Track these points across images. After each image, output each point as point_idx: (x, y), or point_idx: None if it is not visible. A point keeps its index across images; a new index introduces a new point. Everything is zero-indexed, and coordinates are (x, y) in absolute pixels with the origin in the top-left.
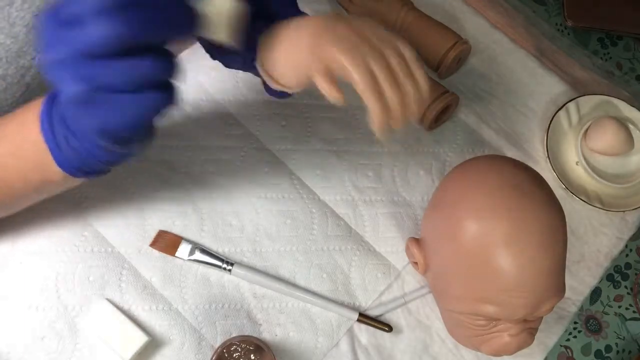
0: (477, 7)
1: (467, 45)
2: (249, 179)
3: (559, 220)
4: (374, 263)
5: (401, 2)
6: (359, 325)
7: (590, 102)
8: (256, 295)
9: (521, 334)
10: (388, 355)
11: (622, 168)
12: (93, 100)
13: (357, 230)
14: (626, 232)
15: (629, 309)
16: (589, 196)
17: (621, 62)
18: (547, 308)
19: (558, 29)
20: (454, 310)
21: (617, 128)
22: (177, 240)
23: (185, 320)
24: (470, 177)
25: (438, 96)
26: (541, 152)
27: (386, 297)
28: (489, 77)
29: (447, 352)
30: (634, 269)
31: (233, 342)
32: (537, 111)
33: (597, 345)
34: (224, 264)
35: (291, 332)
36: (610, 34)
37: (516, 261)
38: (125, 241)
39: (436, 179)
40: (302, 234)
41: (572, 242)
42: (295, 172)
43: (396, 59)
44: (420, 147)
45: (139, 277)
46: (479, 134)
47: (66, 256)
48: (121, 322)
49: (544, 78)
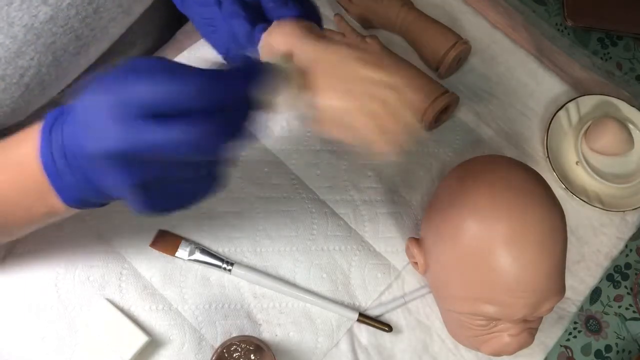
0: (477, 7)
1: (467, 45)
2: (249, 179)
3: (559, 220)
4: (374, 263)
5: (401, 2)
6: (359, 325)
7: (590, 102)
8: (256, 295)
9: (521, 334)
10: (388, 355)
11: (622, 168)
12: (153, 187)
13: (357, 230)
14: (626, 232)
15: (629, 309)
16: (589, 196)
17: (621, 62)
18: (547, 308)
19: (558, 29)
20: (454, 310)
21: (617, 128)
22: (177, 240)
23: (185, 320)
24: (470, 177)
25: (438, 96)
26: (541, 152)
27: (386, 297)
28: (489, 77)
29: (447, 352)
30: (634, 269)
31: (233, 342)
32: (537, 111)
33: (597, 345)
34: (224, 264)
35: (291, 332)
36: (610, 34)
37: (516, 261)
38: (125, 241)
39: (436, 179)
40: (302, 234)
41: (572, 242)
42: (295, 172)
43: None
44: (420, 147)
45: (139, 277)
46: (478, 134)
47: (66, 256)
48: (121, 322)
49: (544, 78)
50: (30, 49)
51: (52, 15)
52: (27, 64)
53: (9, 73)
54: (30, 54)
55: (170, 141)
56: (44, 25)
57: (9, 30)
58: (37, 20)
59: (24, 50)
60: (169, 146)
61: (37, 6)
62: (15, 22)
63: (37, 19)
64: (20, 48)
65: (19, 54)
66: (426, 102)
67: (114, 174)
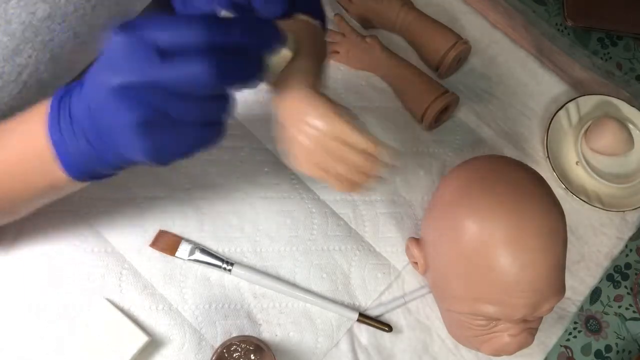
0: (477, 7)
1: (467, 45)
2: (249, 179)
3: (558, 220)
4: (374, 263)
5: (401, 2)
6: (359, 325)
7: (590, 102)
8: (256, 295)
9: (521, 334)
10: (388, 355)
11: (622, 168)
12: (157, 127)
13: (357, 230)
14: (626, 232)
15: (629, 309)
16: (589, 196)
17: (621, 62)
18: (547, 308)
19: (558, 29)
20: (454, 310)
21: (617, 128)
22: (177, 240)
23: (185, 320)
24: (470, 177)
25: (438, 96)
26: (541, 152)
27: (386, 297)
28: (489, 77)
29: (447, 352)
30: (634, 269)
31: (233, 342)
32: (537, 111)
33: (597, 345)
34: (224, 264)
35: (291, 332)
36: (610, 34)
37: (516, 261)
38: (125, 241)
39: (436, 179)
40: (302, 234)
41: (572, 242)
42: (295, 172)
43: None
44: (420, 147)
45: (139, 277)
46: (478, 134)
47: (66, 256)
48: (121, 322)
49: (544, 78)
50: (28, 46)
51: (50, 12)
52: (24, 62)
53: (7, 71)
54: (28, 52)
55: (181, 74)
56: (42, 22)
57: (7, 28)
58: (35, 18)
59: (22, 48)
60: (181, 79)
61: (35, 3)
62: (13, 20)
63: (35, 16)
64: (18, 45)
65: (16, 51)
66: (426, 102)
67: (122, 111)
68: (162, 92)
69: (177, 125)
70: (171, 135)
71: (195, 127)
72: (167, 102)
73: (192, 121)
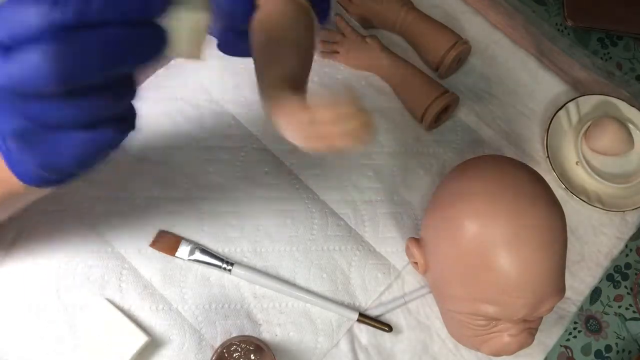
0: (477, 7)
1: (467, 45)
2: (249, 179)
3: (558, 220)
4: (374, 263)
5: (401, 2)
6: (359, 325)
7: (590, 102)
8: (256, 295)
9: (521, 334)
10: (388, 355)
11: (622, 168)
12: (35, 138)
13: (357, 230)
14: (626, 232)
15: (629, 309)
16: (589, 196)
17: (621, 62)
18: (547, 308)
19: (558, 29)
20: (454, 310)
21: (617, 128)
22: (177, 240)
23: (185, 320)
24: (470, 177)
25: (438, 96)
26: (541, 152)
27: (386, 297)
28: (489, 77)
29: (447, 352)
30: (634, 269)
31: (233, 342)
32: (537, 111)
33: (597, 345)
34: (224, 264)
35: (291, 332)
36: (610, 34)
37: (516, 261)
38: (125, 241)
39: (436, 179)
40: (302, 234)
41: (572, 242)
42: (295, 172)
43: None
44: (420, 147)
45: (139, 277)
46: (478, 134)
47: (66, 256)
48: (121, 322)
49: (544, 78)
50: None
51: None
52: None
53: None
54: None
55: (22, 72)
56: None
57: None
58: None
59: None
60: (24, 77)
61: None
62: None
63: None
64: None
65: None
66: (426, 102)
67: None
68: (22, 96)
69: (60, 131)
70: (56, 143)
71: (86, 129)
72: (33, 106)
73: (75, 123)
